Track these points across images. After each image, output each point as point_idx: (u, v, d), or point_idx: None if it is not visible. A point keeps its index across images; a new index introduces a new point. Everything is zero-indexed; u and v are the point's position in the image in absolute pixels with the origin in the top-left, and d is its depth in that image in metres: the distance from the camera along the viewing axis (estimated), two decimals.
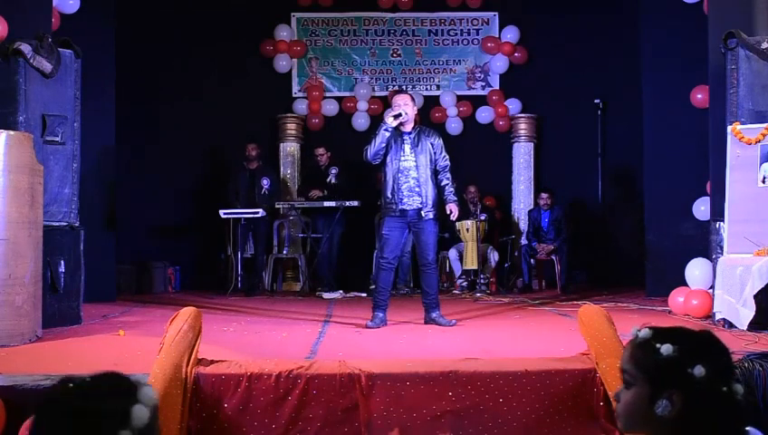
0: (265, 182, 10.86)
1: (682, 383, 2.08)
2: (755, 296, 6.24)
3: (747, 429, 2.23)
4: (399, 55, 12.62)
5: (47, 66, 6.82)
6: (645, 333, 2.20)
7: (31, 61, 6.67)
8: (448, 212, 7.30)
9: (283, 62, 12.41)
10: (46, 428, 1.84)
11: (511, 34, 12.44)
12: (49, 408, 1.86)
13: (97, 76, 8.45)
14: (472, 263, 10.68)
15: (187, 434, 4.10)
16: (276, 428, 4.20)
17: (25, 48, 6.61)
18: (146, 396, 1.90)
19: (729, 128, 6.78)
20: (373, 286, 8.04)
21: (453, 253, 11.03)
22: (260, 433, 4.20)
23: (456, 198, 7.36)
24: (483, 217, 10.69)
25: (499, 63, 12.48)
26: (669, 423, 2.10)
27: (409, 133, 7.21)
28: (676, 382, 2.09)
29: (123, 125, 9.80)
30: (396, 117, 7.09)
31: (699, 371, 2.07)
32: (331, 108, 12.41)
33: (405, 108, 7.15)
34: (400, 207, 7.11)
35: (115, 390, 1.89)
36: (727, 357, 2.17)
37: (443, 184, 7.26)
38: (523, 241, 11.62)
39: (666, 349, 2.11)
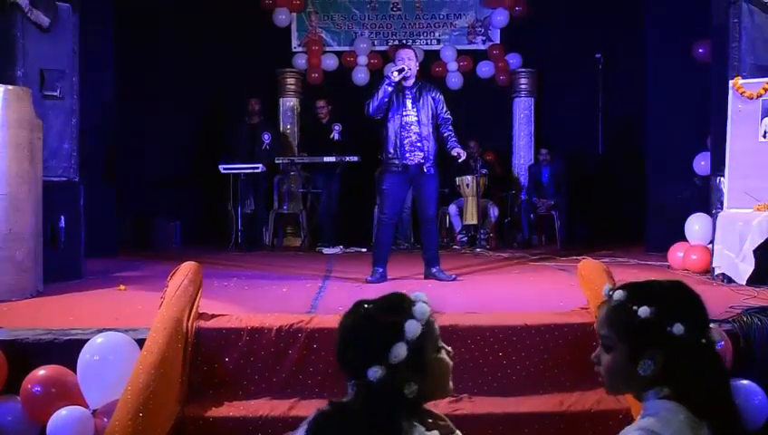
0: (266, 137, 10.85)
1: (663, 343, 2.10)
2: (755, 251, 6.25)
3: (745, 382, 2.25)
4: (399, 9, 12.53)
5: (44, 20, 6.77)
6: (619, 294, 2.21)
7: (28, 14, 6.62)
8: (455, 155, 7.22)
9: (282, 17, 12.33)
10: (345, 332, 2.22)
11: None
12: (347, 318, 2.24)
13: (95, 30, 8.39)
14: (472, 218, 10.70)
15: (188, 388, 4.13)
16: (277, 381, 4.23)
17: (22, 1, 6.55)
18: (419, 311, 2.17)
19: (731, 82, 6.74)
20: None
21: (453, 208, 11.03)
22: (260, 387, 4.22)
23: (460, 145, 7.30)
24: (483, 172, 10.67)
25: (500, 17, 12.39)
26: (651, 381, 2.14)
27: (411, 88, 7.17)
28: (656, 342, 2.11)
29: (122, 79, 9.75)
30: (399, 72, 7.05)
31: (678, 329, 2.09)
32: (330, 62, 12.35)
33: (408, 63, 7.11)
34: (402, 162, 7.09)
35: (392, 307, 2.19)
36: (701, 308, 2.19)
37: (446, 135, 7.21)
38: (524, 196, 11.62)
39: (643, 311, 2.12)
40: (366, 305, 2.22)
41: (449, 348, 2.30)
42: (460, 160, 7.38)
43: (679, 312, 2.12)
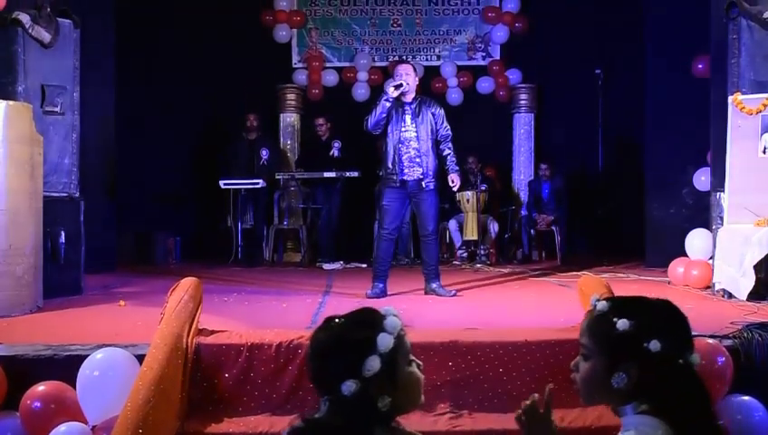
0: (264, 152, 10.87)
1: (638, 357, 2.11)
2: (755, 267, 6.24)
3: (746, 398, 2.25)
4: (399, 25, 12.57)
5: (46, 36, 6.78)
6: (602, 305, 2.23)
7: (29, 31, 6.64)
8: (450, 182, 7.29)
9: (282, 33, 12.37)
10: (317, 347, 2.20)
11: (512, 4, 12.39)
12: (319, 334, 2.22)
13: (96, 46, 8.42)
14: (472, 233, 10.69)
15: (187, 404, 4.11)
16: (277, 397, 4.22)
17: (24, 18, 6.58)
18: (390, 325, 2.16)
19: (730, 98, 6.75)
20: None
21: (453, 224, 11.03)
22: (260, 403, 4.21)
23: (457, 168, 7.34)
24: (483, 188, 10.68)
25: (500, 33, 12.43)
26: (626, 395, 2.15)
27: (410, 104, 7.19)
28: (632, 356, 2.12)
29: (123, 94, 9.76)
30: (397, 87, 7.06)
31: (655, 345, 2.10)
32: (330, 78, 12.38)
33: (406, 78, 7.12)
34: (401, 177, 7.10)
35: (364, 322, 2.18)
36: (684, 329, 2.20)
37: (445, 154, 7.24)
38: (524, 212, 11.62)
39: (622, 324, 2.14)
40: (337, 320, 2.23)
41: (419, 361, 2.30)
42: (455, 188, 7.43)
43: (659, 329, 2.13)
